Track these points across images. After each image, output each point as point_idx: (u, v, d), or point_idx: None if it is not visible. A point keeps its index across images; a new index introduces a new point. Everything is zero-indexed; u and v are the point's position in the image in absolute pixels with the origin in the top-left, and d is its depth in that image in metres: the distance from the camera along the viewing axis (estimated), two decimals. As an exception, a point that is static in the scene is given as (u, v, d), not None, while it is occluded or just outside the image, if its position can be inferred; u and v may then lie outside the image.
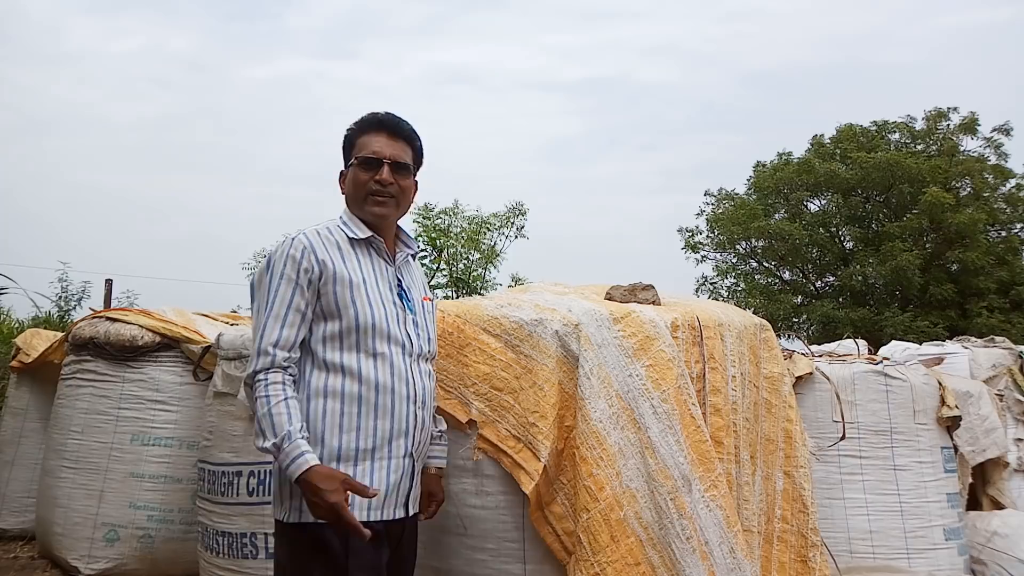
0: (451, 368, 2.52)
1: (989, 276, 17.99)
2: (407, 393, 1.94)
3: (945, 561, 3.50)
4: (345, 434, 1.86)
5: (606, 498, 2.35)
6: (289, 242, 1.91)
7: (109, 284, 9.28)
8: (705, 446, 2.54)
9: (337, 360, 1.89)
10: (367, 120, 2.08)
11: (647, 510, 2.40)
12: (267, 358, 1.84)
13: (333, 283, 1.90)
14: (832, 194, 20.23)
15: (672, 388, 2.52)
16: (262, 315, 1.88)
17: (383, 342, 1.92)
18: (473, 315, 2.60)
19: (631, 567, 2.32)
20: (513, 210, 19.86)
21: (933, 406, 3.68)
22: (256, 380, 1.84)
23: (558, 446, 2.40)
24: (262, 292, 1.90)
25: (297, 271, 1.88)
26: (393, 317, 1.96)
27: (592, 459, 2.37)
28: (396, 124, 2.07)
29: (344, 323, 1.89)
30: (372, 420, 1.89)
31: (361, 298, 1.91)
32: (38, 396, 4.68)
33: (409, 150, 2.08)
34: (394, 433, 1.91)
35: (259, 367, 1.84)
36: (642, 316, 2.63)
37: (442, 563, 2.53)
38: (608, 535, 2.32)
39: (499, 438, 2.41)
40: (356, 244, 2.00)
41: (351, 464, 1.86)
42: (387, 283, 2.01)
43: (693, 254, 22.29)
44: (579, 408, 2.42)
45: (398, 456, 1.93)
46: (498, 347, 2.52)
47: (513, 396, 2.44)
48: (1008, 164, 20.08)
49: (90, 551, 3.79)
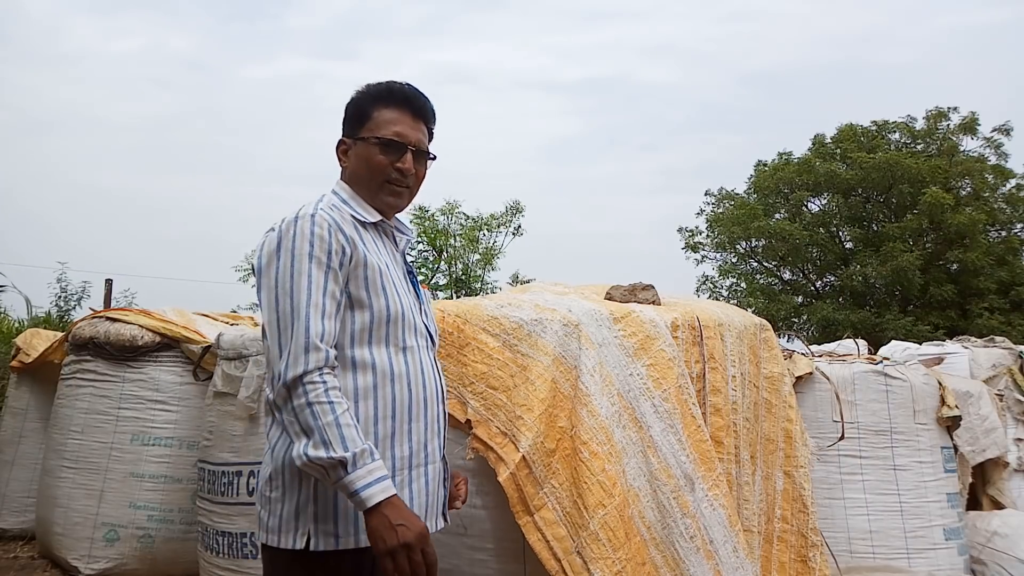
0: (451, 368, 2.52)
1: (989, 276, 17.99)
2: (436, 389, 1.74)
3: (945, 561, 3.50)
4: (380, 442, 1.62)
5: (619, 494, 2.30)
6: (309, 218, 1.60)
7: (109, 284, 9.29)
8: (706, 445, 2.54)
9: (368, 357, 1.63)
10: (390, 90, 1.79)
11: (650, 509, 2.38)
12: (319, 354, 1.52)
13: (364, 267, 1.63)
14: (832, 194, 20.24)
15: (673, 388, 2.52)
16: (291, 303, 1.55)
17: (411, 334, 1.70)
18: (473, 315, 2.60)
19: (638, 567, 2.29)
20: (511, 209, 19.91)
21: (933, 406, 3.68)
22: (310, 382, 1.51)
23: (548, 445, 2.34)
24: (284, 278, 1.57)
25: (328, 252, 1.58)
26: (414, 306, 1.75)
27: (603, 454, 2.33)
28: (422, 104, 1.81)
29: (374, 313, 1.63)
30: (407, 422, 1.66)
31: (389, 284, 1.67)
32: (38, 396, 4.69)
33: (428, 133, 1.84)
34: (428, 435, 1.71)
35: (311, 366, 1.51)
36: (642, 316, 2.63)
37: (442, 563, 2.52)
38: (624, 531, 2.27)
39: (489, 436, 2.38)
40: (367, 226, 1.74)
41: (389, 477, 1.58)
42: (401, 269, 1.79)
43: (693, 254, 22.34)
44: (584, 404, 2.40)
45: (435, 461, 1.73)
46: (496, 346, 2.51)
47: (507, 394, 2.42)
48: (1008, 164, 20.13)
49: (90, 551, 3.79)
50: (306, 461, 1.49)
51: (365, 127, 1.77)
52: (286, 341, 1.54)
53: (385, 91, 1.79)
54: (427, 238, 19.33)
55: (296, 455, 1.51)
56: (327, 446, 1.48)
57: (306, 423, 1.50)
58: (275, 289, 1.58)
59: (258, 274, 1.64)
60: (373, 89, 1.80)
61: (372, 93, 1.79)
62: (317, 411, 1.49)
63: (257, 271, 1.65)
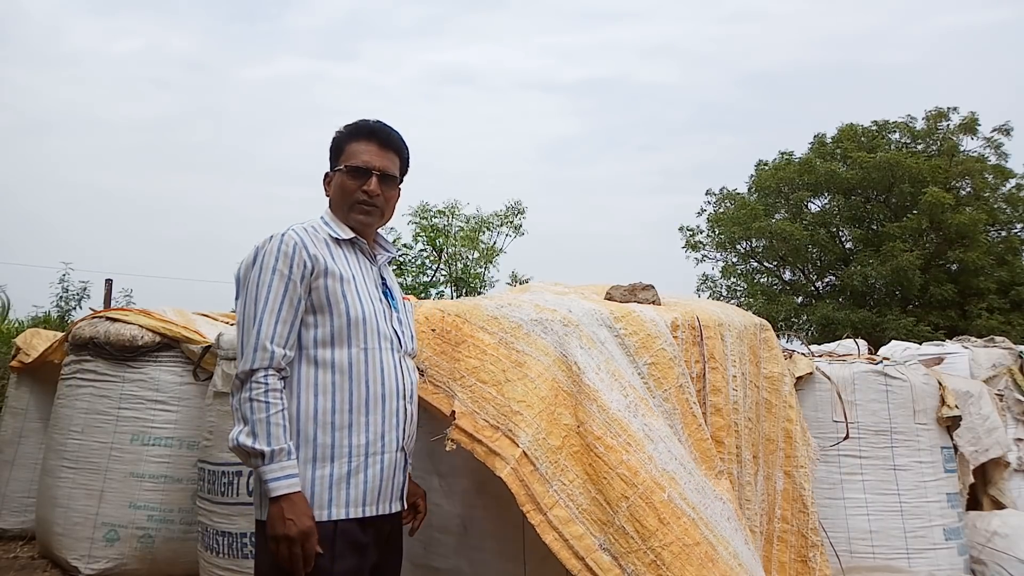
0: (443, 364, 2.50)
1: (989, 276, 18.00)
2: (396, 387, 1.96)
3: (945, 561, 3.50)
4: (337, 431, 1.86)
5: (643, 482, 2.25)
6: (279, 238, 1.90)
7: (109, 284, 9.29)
8: (706, 444, 2.54)
9: (328, 356, 1.89)
10: (359, 127, 2.09)
11: (691, 491, 2.32)
12: (265, 354, 1.82)
13: (324, 277, 1.90)
14: (833, 194, 20.24)
15: (673, 387, 2.52)
16: (254, 309, 1.85)
17: (374, 337, 1.93)
18: (473, 314, 2.60)
19: (690, 548, 2.20)
20: (511, 209, 19.92)
21: (933, 406, 3.69)
22: (255, 380, 1.81)
23: (552, 442, 2.33)
24: (252, 287, 1.88)
25: (290, 267, 1.87)
26: (381, 313, 1.99)
27: (619, 446, 2.29)
28: (387, 135, 2.09)
29: (335, 318, 1.90)
30: (364, 415, 1.89)
31: (351, 293, 1.93)
32: (38, 396, 4.69)
33: (397, 160, 2.12)
34: (386, 427, 1.93)
35: (257, 364, 1.81)
36: (642, 316, 2.63)
37: (442, 563, 2.53)
38: (655, 518, 2.21)
39: (475, 428, 2.34)
40: (341, 243, 2.02)
41: (345, 461, 1.86)
42: (372, 281, 2.04)
43: (694, 254, 22.34)
44: (594, 400, 2.36)
45: (391, 451, 1.94)
46: (491, 343, 2.49)
47: (497, 388, 2.39)
48: (1008, 164, 20.11)
49: (90, 551, 3.80)
50: (235, 445, 1.81)
51: (339, 160, 2.08)
52: (245, 341, 1.85)
53: (358, 127, 2.09)
54: (427, 237, 19.33)
55: (230, 437, 1.82)
56: (254, 437, 1.78)
57: (245, 414, 1.81)
58: (244, 297, 1.90)
59: (237, 285, 1.96)
60: (349, 127, 2.10)
61: (347, 131, 2.10)
62: (255, 407, 1.80)
63: (237, 282, 1.97)
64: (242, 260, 1.95)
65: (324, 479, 1.84)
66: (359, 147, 2.06)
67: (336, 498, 1.85)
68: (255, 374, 1.81)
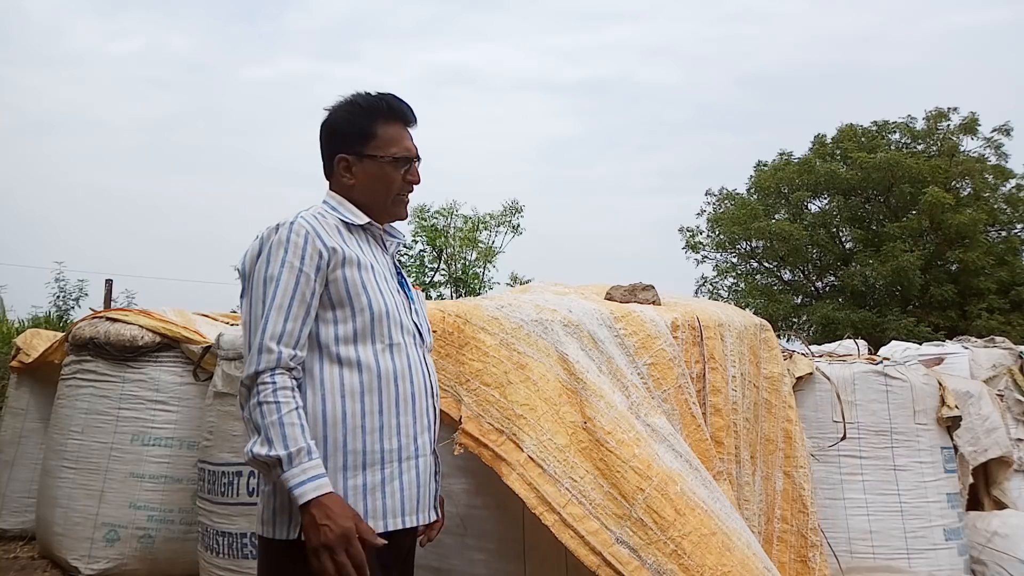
0: (449, 367, 2.51)
1: (989, 276, 18.00)
2: (425, 385, 1.79)
3: (945, 561, 3.50)
4: (368, 435, 1.67)
5: (657, 474, 2.24)
6: (287, 227, 1.68)
7: (109, 284, 9.28)
8: (705, 445, 2.54)
9: (352, 354, 1.69)
10: (391, 107, 1.85)
11: (699, 486, 2.31)
12: (271, 356, 1.60)
13: (343, 267, 1.70)
14: (832, 194, 20.25)
15: (673, 387, 2.52)
16: (260, 306, 1.64)
17: (398, 331, 1.75)
18: (474, 315, 2.60)
19: (707, 537, 2.19)
20: (509, 208, 19.94)
21: (933, 406, 3.68)
22: (260, 382, 1.60)
23: (558, 441, 2.31)
24: (258, 283, 1.66)
25: (302, 258, 1.66)
26: (402, 305, 1.80)
27: (630, 440, 2.29)
28: (414, 113, 1.90)
29: (357, 312, 1.69)
30: (395, 416, 1.70)
31: (372, 284, 1.73)
32: (38, 396, 4.69)
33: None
34: (418, 429, 1.75)
35: (262, 366, 1.60)
36: (642, 316, 2.64)
37: (442, 563, 2.53)
38: (672, 508, 2.19)
39: (481, 432, 2.34)
40: (353, 229, 1.80)
41: (378, 468, 1.67)
42: (388, 270, 1.84)
43: (693, 254, 22.34)
44: (601, 397, 2.37)
45: (425, 454, 1.76)
46: (492, 344, 2.49)
47: (499, 390, 2.39)
48: (1008, 164, 20.13)
49: (90, 551, 3.79)
50: (251, 458, 1.59)
51: (371, 145, 1.82)
52: (251, 342, 1.64)
53: (384, 107, 1.84)
54: (427, 237, 19.35)
55: (245, 452, 1.61)
56: (268, 444, 1.56)
57: (256, 422, 1.59)
58: (251, 293, 1.68)
59: (243, 279, 1.74)
60: (369, 104, 1.85)
61: (370, 109, 1.84)
62: (264, 411, 1.58)
63: (242, 276, 1.74)
64: (246, 251, 1.73)
65: (358, 489, 1.64)
66: (394, 131, 1.84)
67: (372, 509, 1.65)
68: (260, 376, 1.61)
